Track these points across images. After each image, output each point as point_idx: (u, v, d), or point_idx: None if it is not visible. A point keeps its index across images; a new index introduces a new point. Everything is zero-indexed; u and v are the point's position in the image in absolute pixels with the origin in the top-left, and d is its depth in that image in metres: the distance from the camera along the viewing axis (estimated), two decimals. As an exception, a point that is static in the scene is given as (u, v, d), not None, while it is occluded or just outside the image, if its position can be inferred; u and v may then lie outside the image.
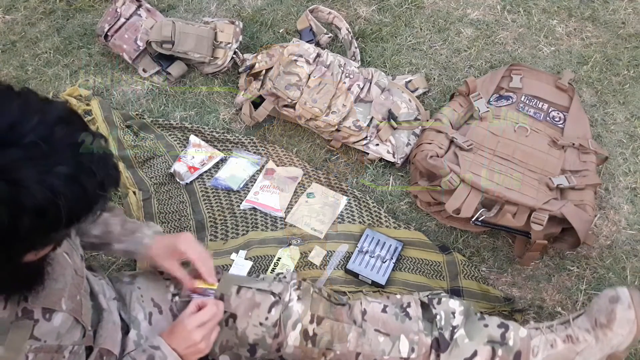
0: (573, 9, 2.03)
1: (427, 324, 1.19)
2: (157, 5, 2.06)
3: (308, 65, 1.74)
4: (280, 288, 1.20)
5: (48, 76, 1.93)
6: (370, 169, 1.73)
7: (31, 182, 0.67)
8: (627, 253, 1.56)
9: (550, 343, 1.18)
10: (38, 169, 0.67)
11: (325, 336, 1.17)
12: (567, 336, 1.19)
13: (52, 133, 0.69)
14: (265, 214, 1.63)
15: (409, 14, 2.04)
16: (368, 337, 1.17)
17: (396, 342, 1.16)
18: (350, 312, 1.20)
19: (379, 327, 1.18)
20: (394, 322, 1.19)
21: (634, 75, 1.88)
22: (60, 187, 0.69)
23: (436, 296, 1.24)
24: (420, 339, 1.17)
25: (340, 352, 1.17)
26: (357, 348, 1.17)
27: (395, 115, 1.72)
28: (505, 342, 1.17)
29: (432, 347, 1.16)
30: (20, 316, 0.86)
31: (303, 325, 1.16)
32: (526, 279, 1.53)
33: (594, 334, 1.18)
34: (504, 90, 1.76)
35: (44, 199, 0.68)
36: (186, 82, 1.91)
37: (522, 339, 1.18)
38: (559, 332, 1.20)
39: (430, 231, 1.62)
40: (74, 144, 0.72)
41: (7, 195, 0.66)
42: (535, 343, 1.18)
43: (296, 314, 1.17)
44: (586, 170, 1.57)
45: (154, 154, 1.76)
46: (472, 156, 1.56)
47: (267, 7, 2.07)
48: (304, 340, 1.16)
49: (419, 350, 1.16)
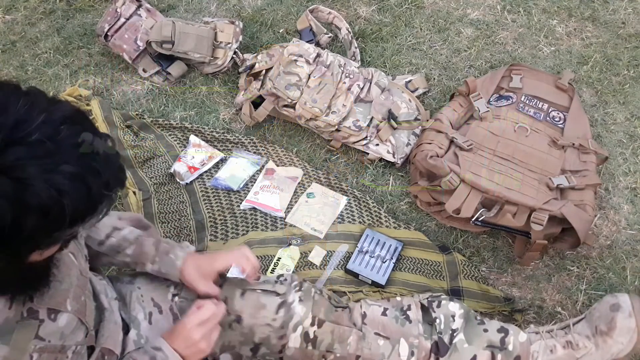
0: (573, 9, 2.03)
1: (427, 327, 1.19)
2: (157, 5, 2.06)
3: (308, 65, 1.74)
4: (284, 289, 1.20)
5: (48, 76, 1.93)
6: (370, 169, 1.73)
7: (36, 181, 0.66)
8: (627, 253, 1.56)
9: (550, 348, 1.18)
10: (43, 168, 0.67)
11: (325, 339, 1.17)
12: (567, 342, 1.19)
13: (57, 132, 0.69)
14: (265, 214, 1.63)
15: (409, 14, 2.04)
16: (368, 341, 1.17)
17: (396, 346, 1.16)
18: (351, 315, 1.20)
19: (379, 331, 1.18)
20: (394, 325, 1.19)
21: (634, 75, 1.88)
22: (65, 186, 0.68)
23: (436, 299, 1.24)
24: (420, 343, 1.16)
25: (340, 354, 1.17)
26: (357, 351, 1.17)
27: (395, 115, 1.72)
28: (504, 347, 1.17)
29: (432, 351, 1.16)
30: (26, 316, 0.86)
31: (304, 328, 1.16)
32: (526, 279, 1.53)
33: (594, 341, 1.18)
34: (504, 90, 1.76)
35: (49, 198, 0.67)
36: (186, 82, 1.91)
37: (522, 343, 1.18)
38: (558, 337, 1.20)
39: (430, 231, 1.62)
40: (80, 144, 0.71)
41: (11, 192, 0.66)
42: (535, 348, 1.18)
43: (297, 316, 1.17)
44: (586, 170, 1.57)
45: (154, 154, 1.76)
46: (472, 156, 1.56)
47: (267, 7, 2.07)
48: (304, 342, 1.16)
49: (418, 354, 1.16)
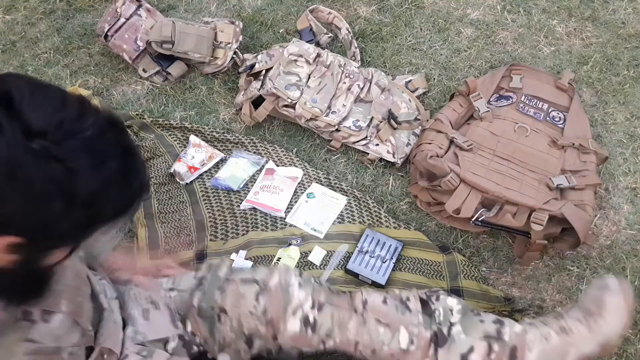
0: (573, 9, 2.03)
1: (426, 318, 1.19)
2: (157, 5, 2.06)
3: (308, 65, 1.74)
4: (264, 274, 1.20)
5: (48, 76, 1.93)
6: (370, 169, 1.73)
7: (87, 171, 0.70)
8: (627, 253, 1.56)
9: (544, 336, 1.19)
10: (94, 161, 0.71)
11: (325, 323, 1.17)
12: (560, 327, 1.20)
13: (105, 132, 0.73)
14: (265, 214, 1.63)
15: (409, 14, 2.04)
16: (368, 327, 1.17)
17: (396, 334, 1.17)
18: (352, 301, 1.21)
19: (380, 318, 1.18)
20: (395, 313, 1.19)
21: (634, 75, 1.88)
22: (111, 179, 0.72)
23: (434, 293, 1.24)
24: (419, 332, 1.17)
25: (339, 340, 1.17)
26: (356, 337, 1.17)
27: (395, 115, 1.72)
28: (500, 337, 1.17)
29: (432, 341, 1.17)
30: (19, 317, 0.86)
31: (304, 311, 1.16)
32: (526, 279, 1.53)
33: (586, 324, 1.20)
34: (504, 90, 1.76)
35: (97, 187, 0.71)
36: (186, 82, 1.91)
37: (517, 333, 1.19)
38: (552, 325, 1.21)
39: (430, 231, 1.62)
40: (122, 145, 0.76)
41: (63, 179, 0.68)
42: (530, 337, 1.19)
43: (297, 300, 1.17)
44: (586, 170, 1.57)
45: (154, 154, 1.76)
46: (472, 156, 1.56)
47: (267, 7, 2.07)
48: (303, 327, 1.16)
49: (418, 343, 1.17)
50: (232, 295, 1.18)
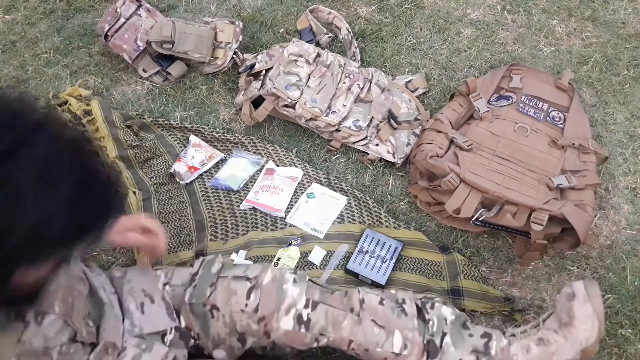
0: (573, 9, 2.03)
1: (421, 324, 1.20)
2: (157, 5, 2.06)
3: (308, 65, 1.75)
4: (257, 271, 1.21)
5: (48, 76, 1.93)
6: (370, 169, 1.73)
7: (28, 199, 0.66)
8: (627, 253, 1.56)
9: (525, 348, 1.21)
10: (39, 188, 0.67)
11: (319, 321, 1.17)
12: (539, 339, 1.22)
13: (60, 154, 0.69)
14: (265, 214, 1.63)
15: (409, 14, 2.04)
16: (364, 327, 1.18)
17: (390, 336, 1.17)
18: (348, 300, 1.21)
19: (376, 318, 1.19)
20: (390, 315, 1.20)
21: (634, 75, 1.88)
22: (56, 210, 0.68)
23: (429, 300, 1.25)
24: (414, 337, 1.18)
25: (333, 338, 1.18)
26: (350, 336, 1.18)
27: (395, 115, 1.72)
28: (488, 352, 1.20)
29: (425, 350, 1.18)
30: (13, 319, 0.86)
31: (297, 310, 1.17)
32: (526, 279, 1.53)
33: (561, 334, 1.21)
34: (504, 90, 1.76)
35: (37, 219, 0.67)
36: (186, 82, 1.91)
37: (502, 348, 1.21)
38: (531, 336, 1.23)
39: (430, 231, 1.62)
40: (81, 168, 0.71)
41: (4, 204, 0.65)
42: (514, 351, 1.21)
43: (290, 298, 1.17)
44: (586, 170, 1.57)
45: (154, 154, 1.76)
46: (472, 156, 1.56)
47: (267, 7, 2.07)
48: (297, 325, 1.17)
49: (411, 349, 1.17)
50: (223, 292, 1.18)
